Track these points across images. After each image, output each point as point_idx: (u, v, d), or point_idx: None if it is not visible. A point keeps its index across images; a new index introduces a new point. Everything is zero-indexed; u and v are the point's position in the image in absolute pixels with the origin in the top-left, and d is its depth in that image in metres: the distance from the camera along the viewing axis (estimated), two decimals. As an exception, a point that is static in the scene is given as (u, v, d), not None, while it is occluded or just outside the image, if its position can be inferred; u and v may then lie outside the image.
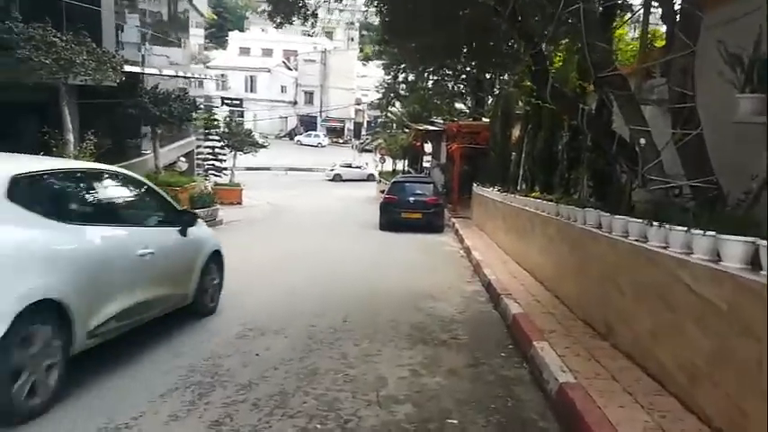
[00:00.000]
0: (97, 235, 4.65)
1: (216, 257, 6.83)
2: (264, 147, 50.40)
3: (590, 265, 6.37)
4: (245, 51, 71.51)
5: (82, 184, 5.07)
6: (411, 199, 16.86)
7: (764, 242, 3.33)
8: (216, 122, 29.39)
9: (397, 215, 16.61)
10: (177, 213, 6.19)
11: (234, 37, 72.98)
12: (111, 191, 5.44)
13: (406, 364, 5.24)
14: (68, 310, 4.08)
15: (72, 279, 4.16)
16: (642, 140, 5.30)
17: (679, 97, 5.10)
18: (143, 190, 5.91)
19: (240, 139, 29.73)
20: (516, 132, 15.10)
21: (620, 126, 6.70)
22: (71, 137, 11.62)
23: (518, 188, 12.48)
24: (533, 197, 9.90)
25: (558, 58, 11.91)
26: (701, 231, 3.99)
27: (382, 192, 19.66)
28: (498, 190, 13.62)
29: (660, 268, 4.56)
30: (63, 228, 4.35)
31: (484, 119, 22.70)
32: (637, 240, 5.14)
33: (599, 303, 5.95)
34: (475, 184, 18.18)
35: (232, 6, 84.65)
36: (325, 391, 4.54)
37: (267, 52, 71.96)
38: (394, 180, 20.12)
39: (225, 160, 30.42)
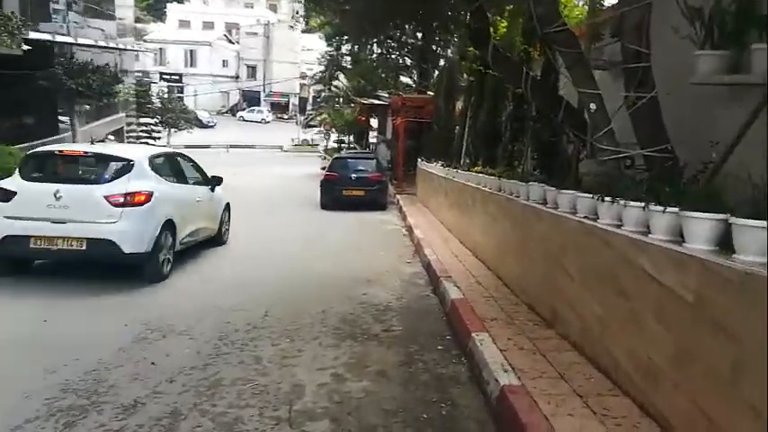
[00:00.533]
0: (182, 188, 8.23)
1: (227, 208, 10.07)
2: (210, 126, 48.18)
3: (533, 245, 5.81)
4: (184, 24, 68.27)
5: (171, 160, 8.50)
6: (353, 176, 16.07)
7: (741, 220, 2.75)
8: (149, 96, 27.77)
9: (338, 193, 15.82)
10: (209, 178, 9.31)
11: (173, 9, 69.43)
12: (182, 164, 8.76)
13: (329, 367, 4.54)
14: (176, 226, 7.46)
15: (176, 211, 7.53)
16: (592, 105, 4.71)
17: (633, 57, 4.51)
18: (193, 163, 9.17)
19: (175, 116, 28.28)
20: (460, 105, 14.55)
21: (568, 93, 6.14)
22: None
23: (461, 162, 11.92)
24: (475, 172, 9.32)
25: (502, 25, 11.31)
26: (661, 208, 3.41)
27: (324, 169, 18.80)
28: (441, 165, 13.02)
29: (612, 249, 3.99)
30: (169, 183, 7.74)
31: (429, 92, 22.05)
32: (586, 218, 4.57)
33: (544, 287, 5.40)
34: (420, 160, 17.58)
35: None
36: (227, 408, 3.79)
37: (208, 25, 68.98)
38: (335, 156, 19.26)
39: (159, 138, 28.89)
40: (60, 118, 16.66)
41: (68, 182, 6.98)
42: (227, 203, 9.99)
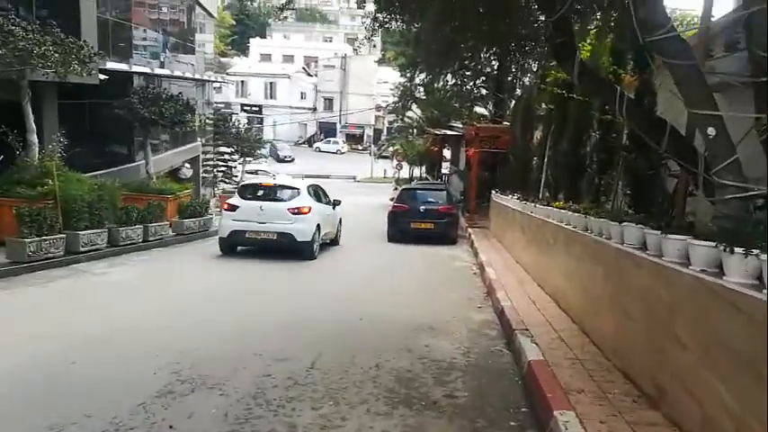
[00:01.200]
0: (321, 206, 12.39)
1: (340, 221, 14.13)
2: (288, 161, 48.87)
3: (631, 299, 4.80)
4: (266, 58, 70.91)
5: (315, 188, 12.84)
6: (422, 208, 15.35)
7: None
8: (226, 126, 28.31)
9: (406, 225, 15.14)
10: (331, 200, 13.50)
11: (255, 43, 72.41)
12: (319, 191, 13.03)
13: (375, 445, 3.74)
14: (320, 228, 11.79)
15: (320, 219, 11.89)
16: (711, 130, 3.75)
17: (765, 68, 3.54)
18: (323, 191, 13.31)
19: (250, 145, 28.62)
20: (538, 135, 13.59)
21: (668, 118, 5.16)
22: (35, 138, 10.40)
23: (539, 196, 10.91)
24: (557, 207, 8.32)
25: (585, 48, 10.35)
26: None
27: (392, 200, 18.20)
28: (518, 198, 12.04)
29: (750, 320, 2.99)
30: (316, 203, 12.01)
31: (505, 123, 21.12)
32: (704, 272, 3.59)
33: (646, 354, 4.38)
34: (493, 192, 16.62)
35: (254, 14, 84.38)
36: (242, 498, 3.06)
37: (288, 58, 71.26)
38: (404, 187, 18.67)
39: (235, 167, 29.31)
40: (137, 144, 16.98)
41: (266, 200, 11.76)
42: (341, 218, 14.15)
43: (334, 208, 13.39)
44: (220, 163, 29.88)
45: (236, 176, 28.18)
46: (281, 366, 5.14)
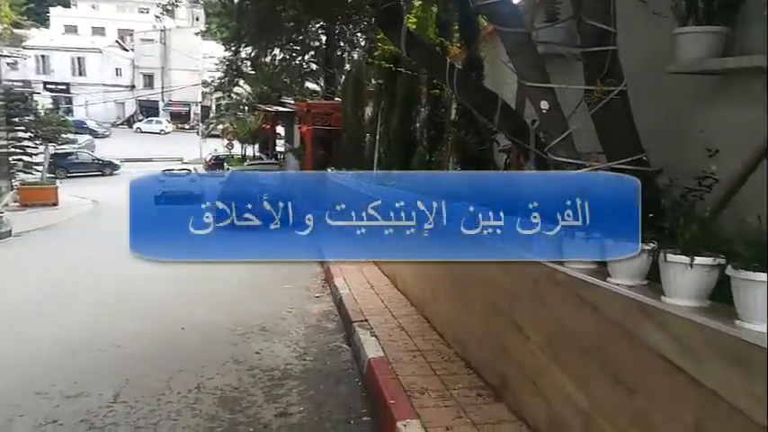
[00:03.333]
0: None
1: None
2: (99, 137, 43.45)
3: (470, 285, 4.56)
4: (71, 29, 63.21)
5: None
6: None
7: None
8: (21, 108, 24.60)
9: None
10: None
11: (56, 13, 64.09)
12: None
13: (189, 500, 3.05)
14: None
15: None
16: (544, 104, 3.51)
17: (597, 38, 3.35)
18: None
19: (53, 129, 25.24)
20: (369, 111, 13.36)
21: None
22: None
23: (373, 174, 10.64)
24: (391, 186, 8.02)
25: (411, 20, 10.14)
26: (685, 258, 2.21)
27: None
28: (352, 176, 11.67)
29: (599, 314, 2.77)
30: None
31: (337, 99, 20.75)
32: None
33: (488, 343, 4.15)
34: (329, 170, 16.19)
35: (53, -21, 74.44)
36: None
37: (98, 31, 64.27)
38: (232, 171, 17.59)
39: (36, 154, 25.67)
40: None
41: None
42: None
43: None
44: (16, 151, 26.06)
45: (38, 165, 24.69)
46: (72, 406, 4.16)
